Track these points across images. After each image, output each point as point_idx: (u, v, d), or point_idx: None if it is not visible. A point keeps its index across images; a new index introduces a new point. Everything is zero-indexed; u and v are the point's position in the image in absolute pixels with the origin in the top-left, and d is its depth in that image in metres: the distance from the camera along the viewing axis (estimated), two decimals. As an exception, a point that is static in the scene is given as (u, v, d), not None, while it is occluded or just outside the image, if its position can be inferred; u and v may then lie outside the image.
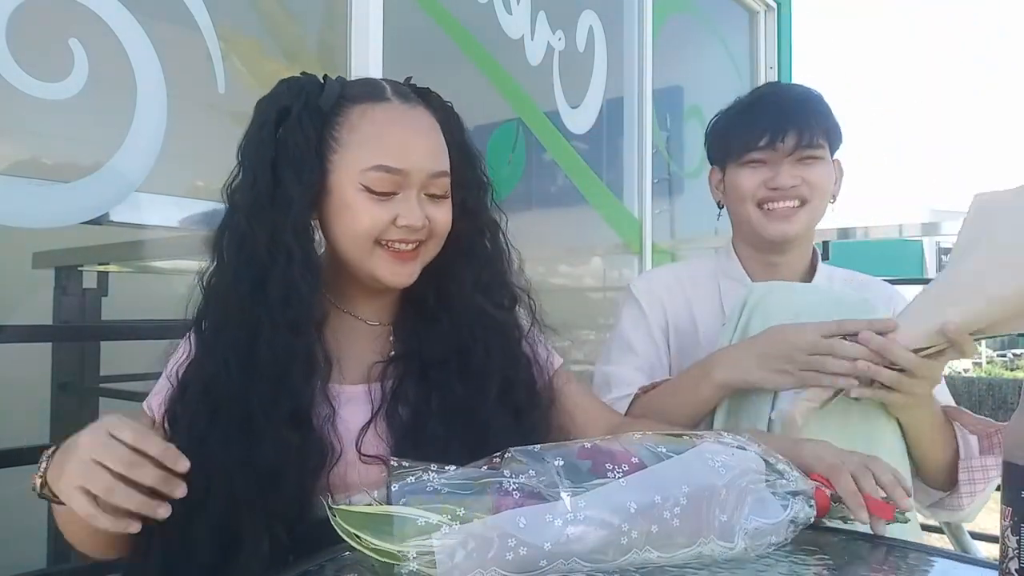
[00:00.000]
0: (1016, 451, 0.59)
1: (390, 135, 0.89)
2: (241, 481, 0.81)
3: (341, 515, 0.68)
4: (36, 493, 0.77)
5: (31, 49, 1.14)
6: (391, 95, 0.93)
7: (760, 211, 1.24)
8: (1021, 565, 0.58)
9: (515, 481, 0.68)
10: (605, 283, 2.69)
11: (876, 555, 0.80)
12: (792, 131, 1.20)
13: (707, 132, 1.36)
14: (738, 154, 1.25)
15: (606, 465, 0.71)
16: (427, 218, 0.90)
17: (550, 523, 0.66)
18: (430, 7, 1.88)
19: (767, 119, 1.22)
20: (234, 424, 0.83)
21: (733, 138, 1.26)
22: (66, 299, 1.60)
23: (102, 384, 1.73)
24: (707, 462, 0.73)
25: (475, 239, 0.98)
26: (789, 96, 1.26)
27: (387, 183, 0.88)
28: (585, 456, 0.72)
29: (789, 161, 1.22)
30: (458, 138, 0.97)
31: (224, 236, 0.90)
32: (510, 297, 1.01)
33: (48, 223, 1.21)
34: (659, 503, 0.69)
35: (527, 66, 2.15)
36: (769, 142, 1.21)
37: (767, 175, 1.23)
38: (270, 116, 0.90)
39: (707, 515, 0.71)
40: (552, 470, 0.69)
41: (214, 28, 1.39)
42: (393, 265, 0.91)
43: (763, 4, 3.26)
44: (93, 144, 1.27)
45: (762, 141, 1.21)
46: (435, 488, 0.67)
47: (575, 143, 2.32)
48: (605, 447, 0.73)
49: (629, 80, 2.59)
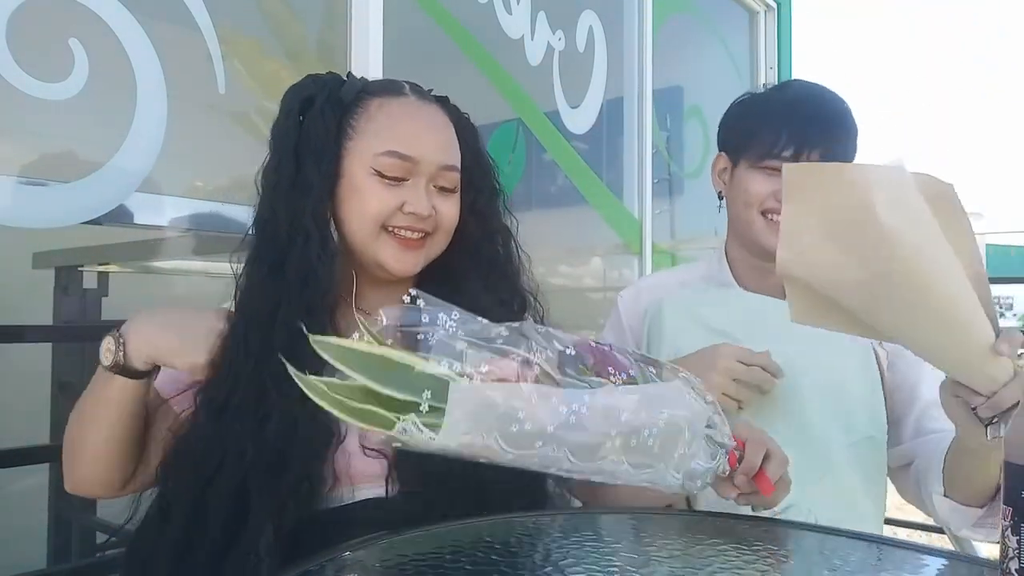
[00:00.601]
0: (1016, 451, 0.59)
1: (404, 125, 0.94)
2: (252, 454, 0.84)
3: (325, 347, 0.63)
4: (117, 368, 0.86)
5: (31, 49, 1.14)
6: (409, 92, 0.98)
7: (764, 219, 1.18)
8: (1021, 565, 0.58)
9: (535, 358, 0.68)
10: (605, 283, 2.69)
11: (875, 556, 0.80)
12: (819, 148, 1.13)
13: (725, 116, 1.28)
14: (756, 156, 1.18)
15: (608, 368, 0.72)
16: (434, 208, 0.94)
17: (556, 407, 0.66)
18: (430, 7, 1.88)
19: (795, 128, 1.14)
20: (250, 398, 0.86)
21: (754, 136, 1.18)
22: (66, 299, 1.60)
23: (102, 384, 1.73)
24: (685, 397, 0.75)
25: (484, 242, 1.02)
26: (822, 107, 1.17)
27: (398, 168, 0.92)
28: (590, 352, 0.73)
29: None
30: (472, 144, 1.02)
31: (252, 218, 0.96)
32: (519, 301, 1.04)
33: (48, 223, 1.21)
34: (644, 420, 0.70)
35: (527, 66, 2.15)
36: (793, 155, 1.13)
37: (779, 187, 1.17)
38: (294, 105, 0.94)
39: (673, 445, 0.73)
40: (563, 357, 0.70)
41: (214, 28, 1.39)
42: (398, 252, 0.94)
43: (763, 4, 3.26)
44: (93, 144, 1.27)
45: (786, 151, 1.14)
46: (455, 346, 0.65)
47: (575, 143, 2.32)
48: (610, 352, 0.75)
49: (629, 80, 2.59)
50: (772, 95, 1.23)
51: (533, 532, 0.85)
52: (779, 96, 1.22)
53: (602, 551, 0.78)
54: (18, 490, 1.54)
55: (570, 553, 0.75)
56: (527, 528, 0.86)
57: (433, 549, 0.79)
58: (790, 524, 0.86)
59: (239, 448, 0.85)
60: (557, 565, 0.71)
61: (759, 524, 0.86)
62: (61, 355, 1.66)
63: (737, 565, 0.73)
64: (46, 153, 1.28)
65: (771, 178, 1.16)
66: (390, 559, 0.76)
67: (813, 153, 1.13)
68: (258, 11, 1.60)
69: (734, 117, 1.27)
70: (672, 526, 0.88)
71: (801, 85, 1.22)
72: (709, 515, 0.92)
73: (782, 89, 1.24)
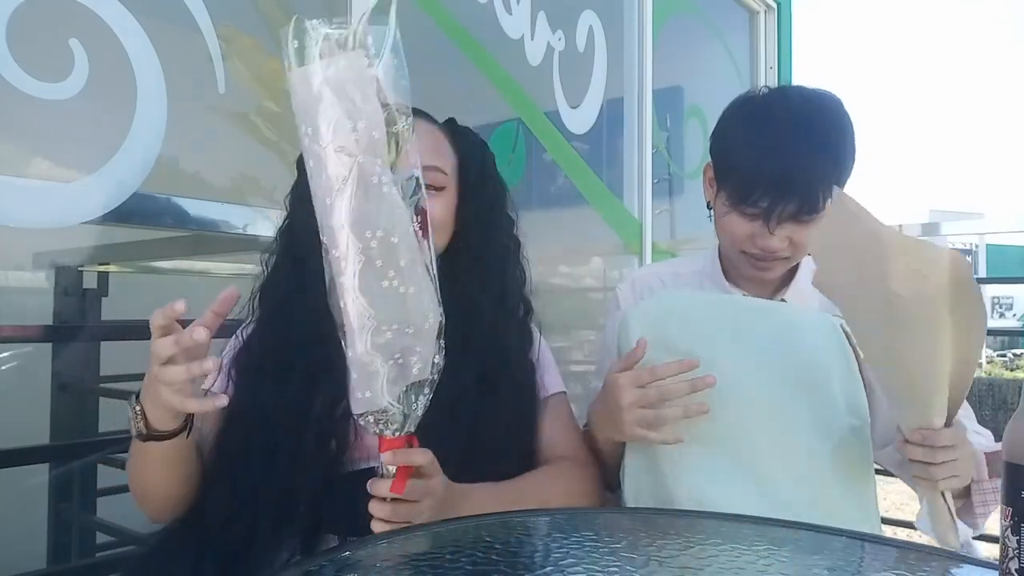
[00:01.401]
0: (1016, 451, 0.59)
1: None
2: (278, 428, 0.95)
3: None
4: (142, 438, 0.87)
5: (31, 49, 1.14)
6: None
7: (744, 257, 1.18)
8: (1021, 565, 0.58)
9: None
10: (605, 283, 2.69)
11: (875, 556, 0.80)
12: (795, 199, 1.07)
13: (716, 127, 1.22)
14: (733, 198, 1.13)
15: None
16: None
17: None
18: (430, 7, 1.88)
19: (771, 177, 1.08)
20: (279, 374, 0.98)
21: (731, 175, 1.13)
22: (66, 299, 1.60)
23: (102, 384, 1.73)
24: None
25: (483, 250, 1.09)
26: (803, 147, 1.08)
27: None
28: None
29: (784, 223, 1.11)
30: (477, 161, 1.11)
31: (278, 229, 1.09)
32: (515, 304, 1.12)
33: (48, 223, 1.21)
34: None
35: (527, 66, 2.15)
36: (767, 209, 1.09)
37: (758, 230, 1.13)
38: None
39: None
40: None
41: (214, 28, 1.39)
42: None
43: (763, 4, 3.26)
44: (93, 144, 1.27)
45: (761, 203, 1.09)
46: None
47: (575, 143, 2.33)
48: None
49: (629, 80, 2.59)
50: (756, 126, 1.14)
51: (533, 532, 0.85)
52: (761, 133, 1.12)
53: (602, 551, 0.78)
54: (18, 490, 1.54)
55: (570, 553, 0.75)
56: (527, 528, 0.86)
57: (433, 549, 0.79)
58: (790, 524, 0.85)
59: (266, 420, 0.95)
60: (557, 565, 0.71)
61: (759, 524, 0.86)
62: (61, 355, 1.66)
63: (738, 565, 0.73)
64: (46, 153, 1.28)
65: (750, 222, 1.13)
66: (390, 559, 0.76)
67: (790, 205, 1.08)
68: (258, 11, 1.60)
69: (719, 137, 1.21)
70: (672, 526, 0.88)
71: (787, 114, 1.11)
72: (709, 515, 0.92)
73: (767, 120, 1.13)
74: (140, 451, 0.90)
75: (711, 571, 0.71)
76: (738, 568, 0.72)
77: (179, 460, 0.92)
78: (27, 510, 1.65)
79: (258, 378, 1.00)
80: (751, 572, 0.71)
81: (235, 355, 1.05)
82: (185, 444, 0.90)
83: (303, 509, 0.92)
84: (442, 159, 1.08)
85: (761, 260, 1.16)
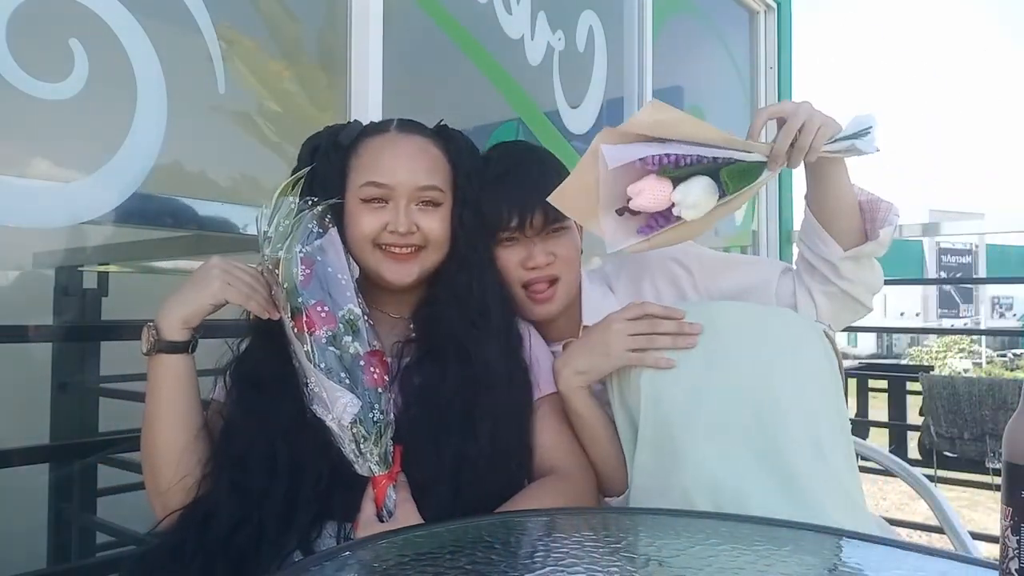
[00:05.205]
0: (1016, 451, 0.59)
1: (382, 157, 1.10)
2: (282, 420, 0.99)
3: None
4: (152, 350, 0.97)
5: (31, 49, 1.14)
6: (393, 128, 1.14)
7: (525, 293, 1.21)
8: (1021, 565, 0.58)
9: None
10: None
11: (875, 556, 0.80)
12: (538, 211, 1.16)
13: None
14: (491, 228, 1.18)
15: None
16: (416, 225, 1.08)
17: None
18: (430, 7, 1.88)
19: (511, 198, 1.17)
20: (276, 375, 1.01)
21: (485, 212, 1.18)
22: (66, 299, 1.61)
23: (102, 384, 1.74)
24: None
25: (472, 252, 1.13)
26: (529, 172, 1.21)
27: (376, 194, 1.08)
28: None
29: (540, 238, 1.19)
30: (464, 164, 1.15)
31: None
32: (504, 305, 1.16)
33: (48, 223, 1.21)
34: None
35: (527, 66, 2.15)
36: (520, 224, 1.17)
37: (522, 251, 1.19)
38: (305, 152, 1.13)
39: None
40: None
41: (214, 28, 1.39)
42: (392, 265, 1.10)
43: (763, 4, 3.26)
44: (93, 144, 1.27)
45: (513, 221, 1.17)
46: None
47: (575, 143, 2.32)
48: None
49: (629, 80, 2.59)
50: (493, 165, 1.22)
51: (533, 532, 0.85)
52: (492, 172, 1.20)
53: (602, 551, 0.78)
54: (18, 490, 1.54)
55: (570, 553, 0.75)
56: (527, 528, 0.86)
57: (433, 548, 0.79)
58: (790, 524, 0.86)
59: (271, 416, 0.99)
60: (557, 565, 0.71)
61: (760, 524, 0.86)
62: (61, 355, 1.67)
63: (738, 565, 0.73)
64: (46, 153, 1.28)
65: (513, 247, 1.20)
66: (390, 559, 0.76)
67: (536, 216, 1.17)
68: (258, 11, 1.60)
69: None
70: (672, 526, 0.88)
71: (500, 156, 1.24)
72: (709, 515, 0.92)
73: (499, 161, 1.23)
74: (153, 375, 0.99)
75: (711, 571, 0.71)
76: (738, 568, 0.72)
77: (188, 385, 1.00)
78: (27, 510, 1.65)
79: (257, 386, 1.03)
80: (751, 572, 0.71)
81: (233, 365, 1.07)
82: (191, 367, 1.00)
83: (310, 492, 0.96)
84: (439, 176, 1.12)
85: (537, 283, 1.21)
